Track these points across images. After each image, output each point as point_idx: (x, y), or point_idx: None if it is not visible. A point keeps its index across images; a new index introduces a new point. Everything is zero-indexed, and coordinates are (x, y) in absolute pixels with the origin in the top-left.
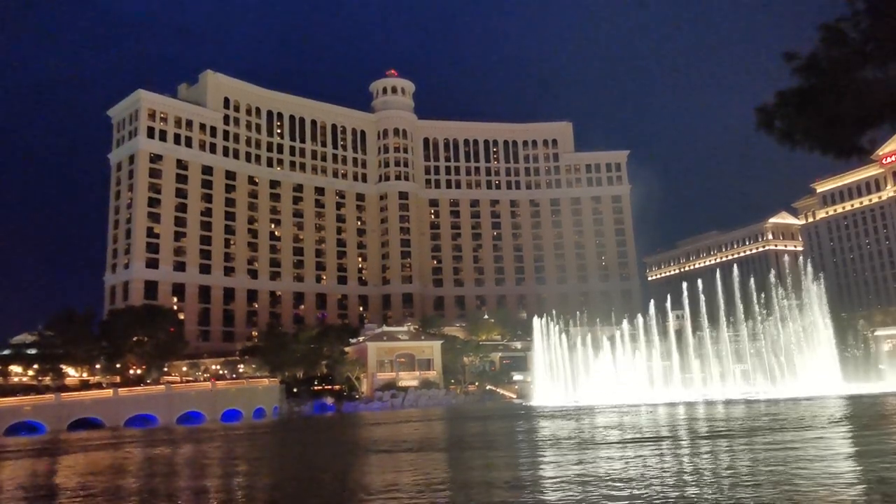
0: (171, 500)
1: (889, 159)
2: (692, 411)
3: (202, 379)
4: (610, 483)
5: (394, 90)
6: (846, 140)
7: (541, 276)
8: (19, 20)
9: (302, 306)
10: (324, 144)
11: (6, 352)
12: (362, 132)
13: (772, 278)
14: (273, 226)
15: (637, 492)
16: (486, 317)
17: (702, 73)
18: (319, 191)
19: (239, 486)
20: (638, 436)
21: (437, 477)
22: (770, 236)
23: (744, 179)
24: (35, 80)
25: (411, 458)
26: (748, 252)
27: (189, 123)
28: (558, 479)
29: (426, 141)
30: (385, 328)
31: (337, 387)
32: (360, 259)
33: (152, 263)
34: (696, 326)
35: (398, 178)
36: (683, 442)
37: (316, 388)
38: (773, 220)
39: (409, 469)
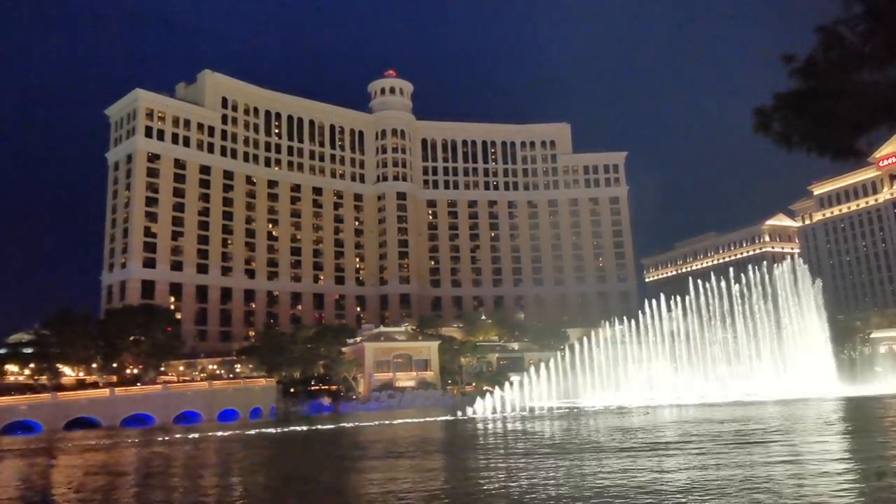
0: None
1: (886, 162)
2: (688, 414)
3: (199, 379)
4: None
5: (392, 90)
6: (844, 142)
7: (538, 277)
8: (17, 19)
9: (299, 306)
10: (322, 144)
11: (2, 351)
12: (360, 132)
13: (769, 280)
14: (271, 226)
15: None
16: (483, 318)
17: (700, 75)
18: (317, 191)
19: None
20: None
21: (434, 479)
22: (767, 238)
23: (741, 181)
24: (32, 78)
25: (408, 460)
26: (745, 254)
27: (187, 123)
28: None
29: (424, 141)
30: (382, 328)
31: (334, 387)
32: (357, 259)
33: (149, 263)
34: (694, 328)
35: (396, 178)
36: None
37: (313, 388)
38: (770, 222)
39: (405, 473)
